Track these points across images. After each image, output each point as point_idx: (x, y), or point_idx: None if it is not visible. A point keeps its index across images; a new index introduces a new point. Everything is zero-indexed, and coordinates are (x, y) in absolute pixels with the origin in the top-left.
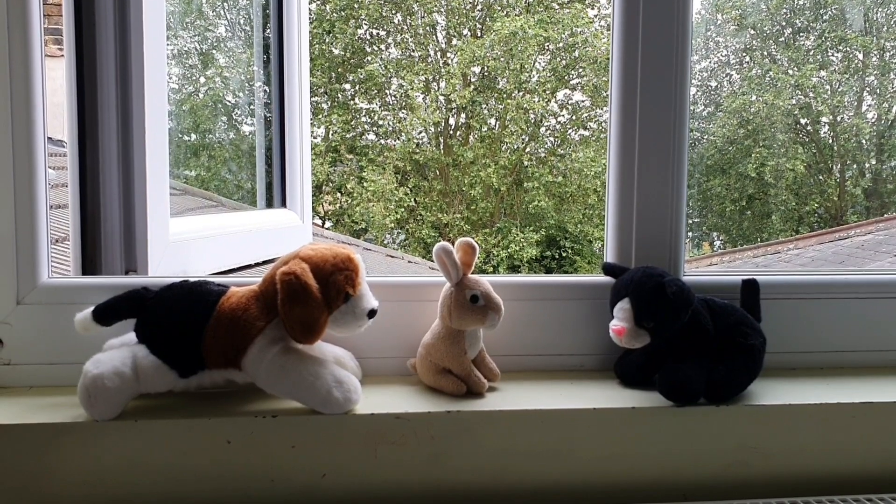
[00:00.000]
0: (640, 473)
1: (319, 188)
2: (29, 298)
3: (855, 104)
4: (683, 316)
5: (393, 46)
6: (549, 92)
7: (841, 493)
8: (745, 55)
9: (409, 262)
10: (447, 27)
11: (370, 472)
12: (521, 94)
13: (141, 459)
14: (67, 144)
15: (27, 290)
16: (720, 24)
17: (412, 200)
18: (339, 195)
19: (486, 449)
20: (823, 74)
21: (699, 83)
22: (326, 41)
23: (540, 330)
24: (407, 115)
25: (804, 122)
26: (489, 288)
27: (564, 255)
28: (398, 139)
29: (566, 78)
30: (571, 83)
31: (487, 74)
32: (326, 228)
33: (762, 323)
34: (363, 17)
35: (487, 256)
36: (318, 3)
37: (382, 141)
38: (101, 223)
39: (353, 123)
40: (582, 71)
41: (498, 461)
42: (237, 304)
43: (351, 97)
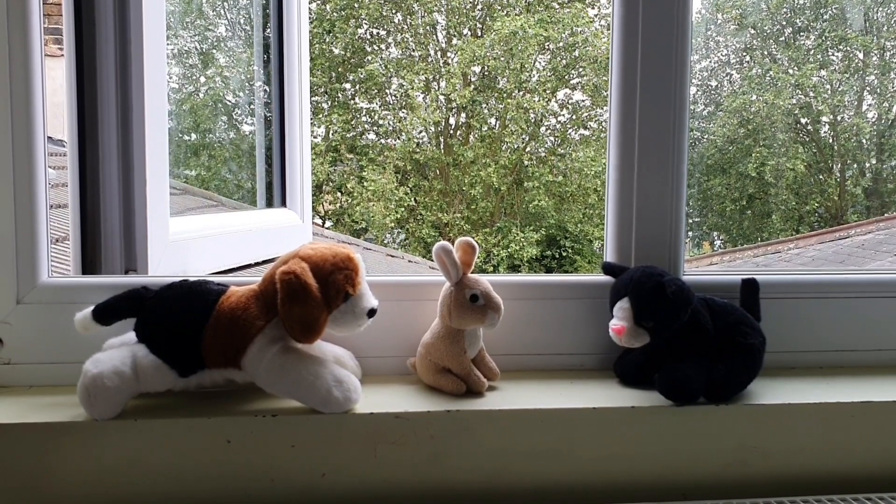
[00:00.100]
0: (639, 473)
1: (320, 188)
2: (29, 298)
3: (855, 104)
4: (683, 315)
5: (393, 46)
6: (549, 91)
7: (840, 492)
8: (745, 55)
9: (409, 261)
10: (447, 27)
11: (370, 471)
12: (521, 93)
13: (141, 459)
14: (67, 144)
15: (27, 289)
16: (720, 23)
17: (412, 200)
18: (339, 195)
19: (485, 448)
20: (824, 74)
21: (699, 83)
22: (327, 41)
23: (539, 329)
24: (407, 114)
25: (804, 121)
26: (489, 287)
27: (565, 254)
28: (398, 139)
29: (566, 77)
30: (572, 83)
31: (488, 74)
32: (327, 228)
33: (762, 322)
34: (363, 16)
35: (487, 256)
36: (318, 2)
37: (383, 140)
38: (100, 223)
39: (353, 123)
40: (582, 70)
41: (497, 460)
42: (237, 303)
43: (351, 97)
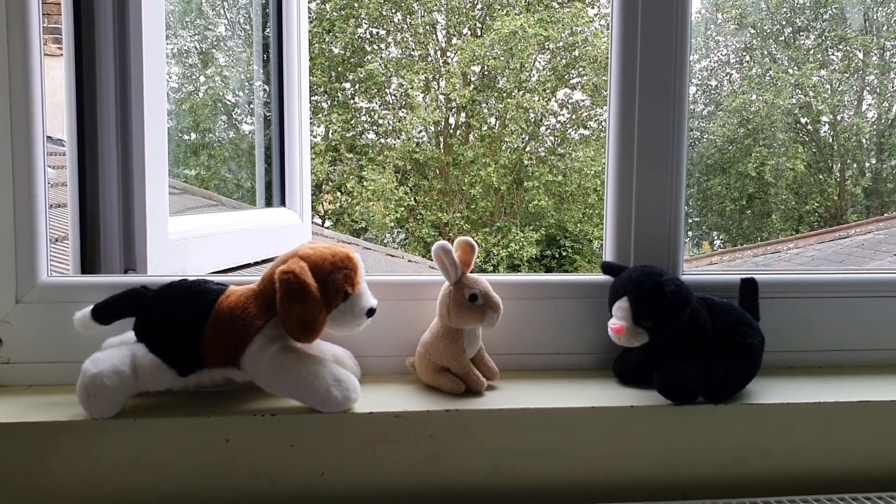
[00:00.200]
0: (638, 472)
1: (319, 187)
2: (28, 297)
3: (855, 103)
4: (682, 315)
5: (393, 45)
6: (549, 91)
7: (839, 491)
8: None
9: (409, 261)
10: (447, 26)
11: (369, 470)
12: (521, 93)
13: (140, 458)
14: (67, 143)
15: (26, 288)
16: (720, 23)
17: (412, 199)
18: (338, 194)
19: (484, 447)
20: (823, 73)
21: (699, 82)
22: (326, 40)
23: (538, 329)
24: (407, 114)
25: (804, 121)
26: (488, 287)
27: (564, 254)
28: (398, 138)
29: (566, 77)
30: (571, 82)
31: (487, 73)
32: (326, 228)
33: (761, 322)
34: (363, 16)
35: (487, 256)
36: (317, 2)
37: (382, 140)
38: (100, 222)
39: (352, 122)
40: (582, 70)
41: (497, 460)
42: (236, 302)
43: (351, 96)
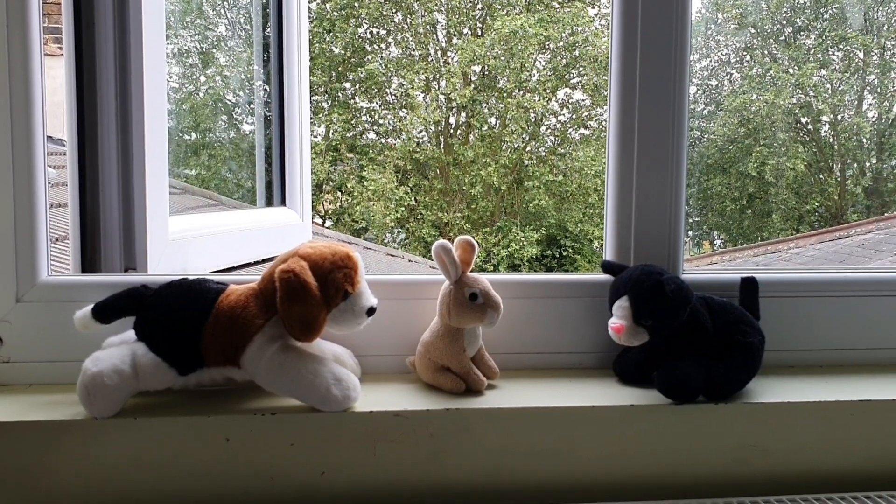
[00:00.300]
0: (638, 471)
1: (320, 187)
2: (28, 296)
3: (855, 103)
4: (682, 314)
5: (393, 45)
6: (549, 91)
7: (840, 490)
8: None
9: (409, 260)
10: (447, 26)
11: (369, 469)
12: (521, 92)
13: (140, 457)
14: (67, 143)
15: (27, 287)
16: (720, 22)
17: (412, 199)
18: (339, 194)
19: (485, 447)
20: (824, 73)
21: (700, 82)
22: (327, 40)
23: (539, 328)
24: (407, 113)
25: (805, 120)
26: (488, 286)
27: (565, 254)
28: (398, 138)
29: (566, 77)
30: (572, 82)
31: (488, 73)
32: (326, 227)
33: (761, 321)
34: (363, 15)
35: (488, 255)
36: (318, 1)
37: (383, 140)
38: (100, 221)
39: (353, 122)
40: (582, 70)
41: (497, 459)
42: (236, 301)
43: (351, 96)
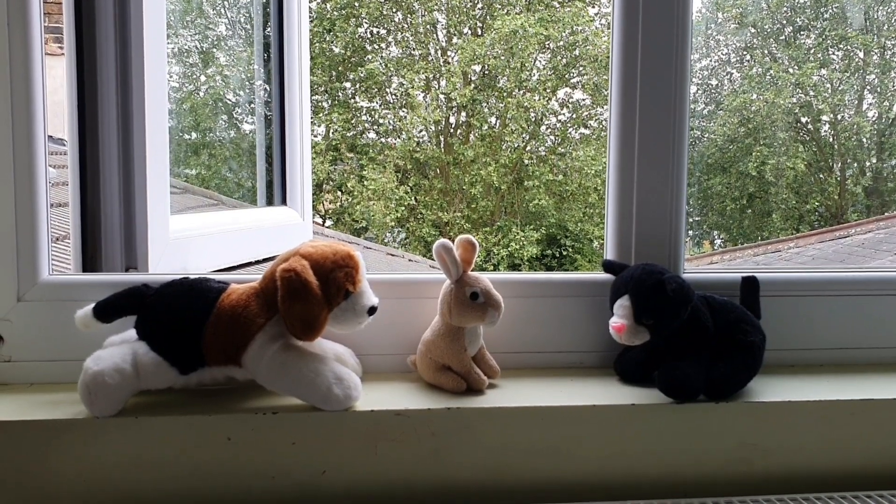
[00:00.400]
0: (639, 470)
1: (320, 186)
2: (29, 295)
3: (855, 102)
4: (683, 313)
5: (393, 45)
6: (549, 90)
7: (840, 490)
8: (745, 53)
9: (409, 260)
10: (448, 25)
11: (370, 468)
12: (521, 92)
13: (141, 456)
14: (68, 142)
15: (28, 286)
16: (721, 22)
17: (412, 199)
18: (339, 193)
19: (486, 445)
20: (824, 73)
21: (700, 82)
22: (327, 39)
23: (540, 327)
24: (407, 113)
25: (805, 120)
26: (489, 285)
27: (565, 253)
28: (399, 138)
29: (567, 76)
30: (572, 81)
31: (488, 73)
32: (327, 227)
33: (762, 320)
34: (364, 15)
35: (488, 255)
36: (318, 1)
37: (383, 139)
38: (101, 221)
39: (353, 122)
40: (582, 69)
41: (498, 458)
42: (237, 300)
43: (351, 95)
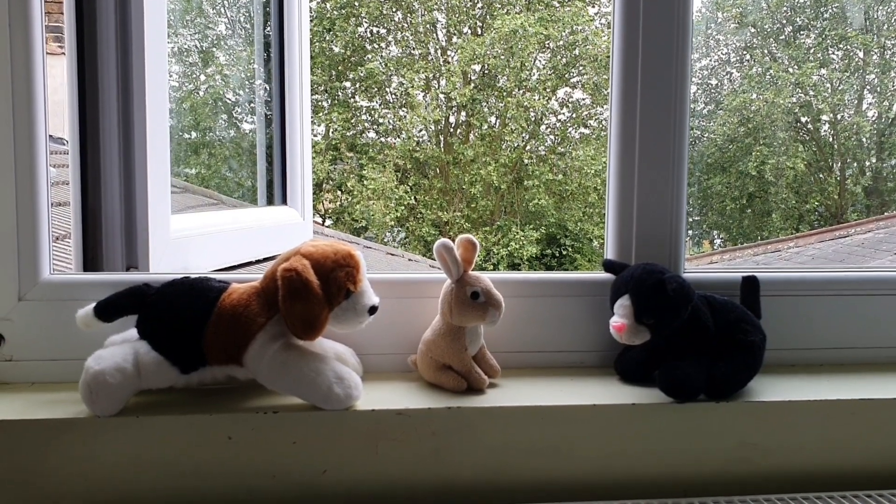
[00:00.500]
0: (639, 469)
1: (320, 186)
2: (30, 295)
3: (855, 102)
4: (683, 313)
5: (393, 44)
6: (549, 90)
7: (840, 489)
8: (745, 53)
9: (409, 259)
10: (447, 25)
11: (371, 467)
12: (521, 92)
13: (142, 455)
14: (69, 142)
15: (28, 286)
16: (721, 22)
17: (412, 198)
18: (339, 193)
19: (486, 445)
20: (824, 72)
21: (700, 81)
22: (327, 39)
23: (540, 326)
24: (407, 113)
25: (804, 120)
26: (490, 284)
27: (565, 252)
28: (398, 137)
29: (566, 76)
30: (572, 81)
31: (488, 72)
32: (326, 226)
33: (762, 320)
34: (363, 15)
35: (488, 255)
36: (318, 1)
37: (383, 139)
38: (102, 220)
39: (353, 121)
40: (582, 69)
41: (498, 457)
42: (238, 300)
43: (351, 95)
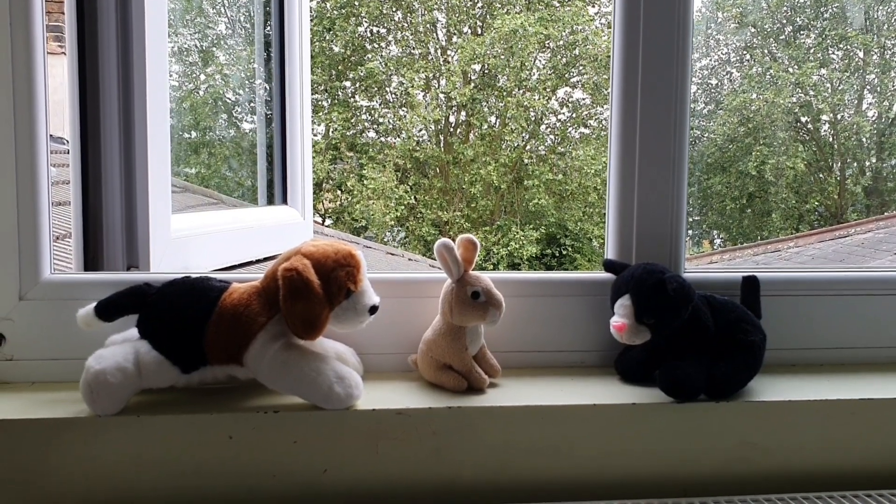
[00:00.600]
0: (640, 469)
1: (320, 186)
2: (31, 294)
3: (855, 102)
4: (684, 313)
5: (393, 44)
6: (549, 90)
7: (840, 489)
8: (745, 53)
9: (409, 259)
10: (447, 24)
11: (371, 467)
12: (521, 91)
13: (143, 455)
14: (70, 141)
15: (29, 285)
16: (721, 21)
17: (412, 198)
18: (339, 192)
19: (486, 444)
20: (824, 72)
21: (700, 81)
22: (327, 39)
23: (541, 326)
24: (407, 112)
25: (804, 120)
26: (490, 284)
27: (565, 252)
28: (398, 137)
29: (566, 76)
30: (572, 81)
31: (488, 72)
32: (326, 226)
33: (762, 319)
34: (363, 14)
35: (488, 254)
36: (318, 0)
37: (383, 138)
38: (102, 220)
39: (353, 121)
40: (582, 69)
41: (499, 456)
42: (239, 299)
43: (351, 95)
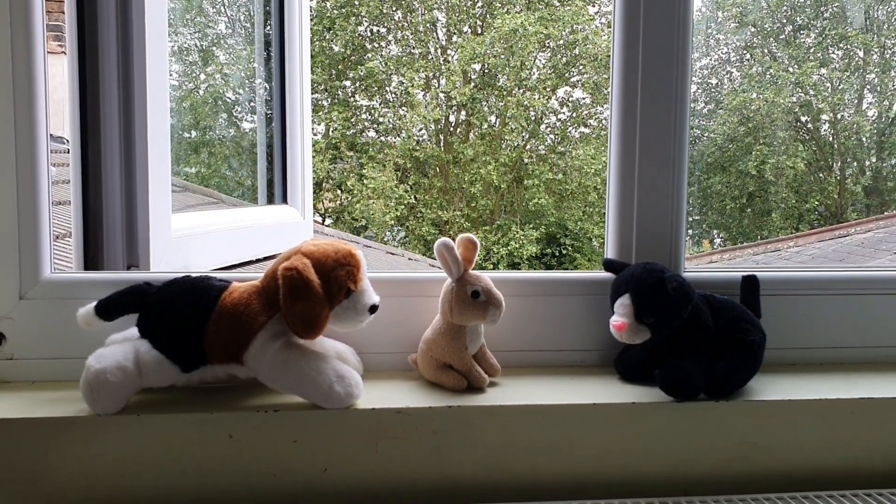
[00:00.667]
0: (640, 468)
1: (320, 185)
2: (31, 293)
3: (855, 102)
4: (684, 312)
5: (393, 43)
6: (549, 89)
7: (840, 488)
8: (745, 52)
9: (409, 259)
10: (447, 24)
11: (372, 466)
12: (521, 91)
13: (143, 454)
14: (70, 141)
15: (30, 285)
16: (721, 21)
17: (412, 197)
18: (339, 192)
19: (486, 443)
20: (824, 72)
21: (700, 80)
22: (327, 38)
23: (541, 325)
24: (407, 112)
25: (804, 119)
26: (490, 283)
27: (564, 252)
28: (398, 136)
29: (566, 75)
30: (572, 80)
31: (488, 71)
32: (326, 225)
33: (762, 319)
34: (364, 14)
35: (487, 254)
36: None
37: (383, 138)
38: (103, 219)
39: (353, 120)
40: (582, 68)
41: (498, 456)
42: (239, 299)
43: (351, 94)
